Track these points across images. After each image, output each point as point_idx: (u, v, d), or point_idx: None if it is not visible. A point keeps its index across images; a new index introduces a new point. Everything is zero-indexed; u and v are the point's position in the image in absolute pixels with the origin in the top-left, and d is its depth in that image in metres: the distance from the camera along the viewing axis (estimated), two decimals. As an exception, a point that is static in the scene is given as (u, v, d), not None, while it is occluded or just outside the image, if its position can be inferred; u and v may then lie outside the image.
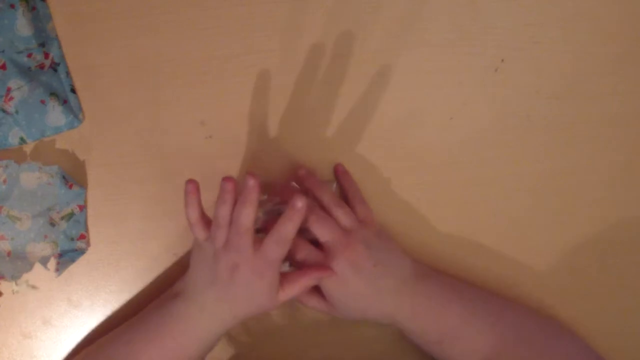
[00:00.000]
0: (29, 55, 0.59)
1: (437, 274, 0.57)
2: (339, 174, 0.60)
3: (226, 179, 0.50)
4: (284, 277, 0.53)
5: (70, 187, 0.59)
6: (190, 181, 0.51)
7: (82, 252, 0.60)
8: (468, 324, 0.54)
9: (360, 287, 0.53)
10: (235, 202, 0.50)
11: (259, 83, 0.61)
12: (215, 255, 0.51)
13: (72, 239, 0.59)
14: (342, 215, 0.55)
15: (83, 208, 0.60)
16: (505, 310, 0.56)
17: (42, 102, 0.59)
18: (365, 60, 0.61)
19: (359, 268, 0.53)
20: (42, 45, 0.59)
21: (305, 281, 0.53)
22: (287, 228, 0.50)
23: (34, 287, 0.60)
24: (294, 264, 0.55)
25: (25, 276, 0.59)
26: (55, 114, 0.59)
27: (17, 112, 0.58)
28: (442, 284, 0.56)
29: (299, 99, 0.61)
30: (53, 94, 0.59)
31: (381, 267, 0.54)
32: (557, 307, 0.60)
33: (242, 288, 0.51)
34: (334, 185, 0.60)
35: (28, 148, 0.60)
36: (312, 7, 0.61)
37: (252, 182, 0.49)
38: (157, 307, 0.55)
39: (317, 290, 0.55)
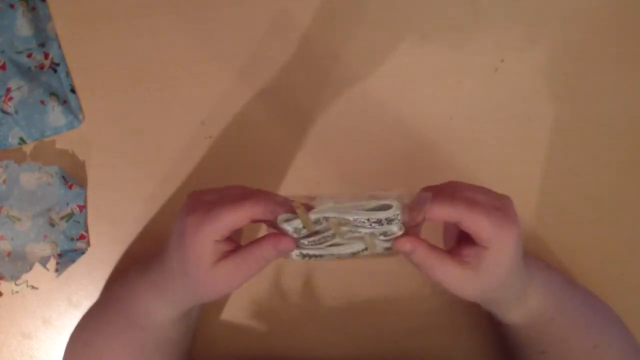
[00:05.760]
0: (29, 56, 0.59)
1: None
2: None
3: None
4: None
5: (70, 187, 0.59)
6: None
7: (82, 252, 0.60)
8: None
9: (512, 266, 0.47)
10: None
11: (258, 83, 0.61)
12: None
13: (72, 239, 0.59)
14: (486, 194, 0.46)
15: (83, 208, 0.60)
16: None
17: (42, 102, 0.59)
18: (365, 60, 0.61)
19: (519, 247, 0.46)
20: (42, 45, 0.59)
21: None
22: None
23: (34, 287, 0.60)
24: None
25: (25, 276, 0.59)
26: (55, 114, 0.59)
27: (16, 112, 0.58)
28: None
29: (299, 99, 0.61)
30: (53, 94, 0.59)
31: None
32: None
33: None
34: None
35: (28, 148, 0.60)
36: (312, 8, 0.61)
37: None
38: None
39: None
